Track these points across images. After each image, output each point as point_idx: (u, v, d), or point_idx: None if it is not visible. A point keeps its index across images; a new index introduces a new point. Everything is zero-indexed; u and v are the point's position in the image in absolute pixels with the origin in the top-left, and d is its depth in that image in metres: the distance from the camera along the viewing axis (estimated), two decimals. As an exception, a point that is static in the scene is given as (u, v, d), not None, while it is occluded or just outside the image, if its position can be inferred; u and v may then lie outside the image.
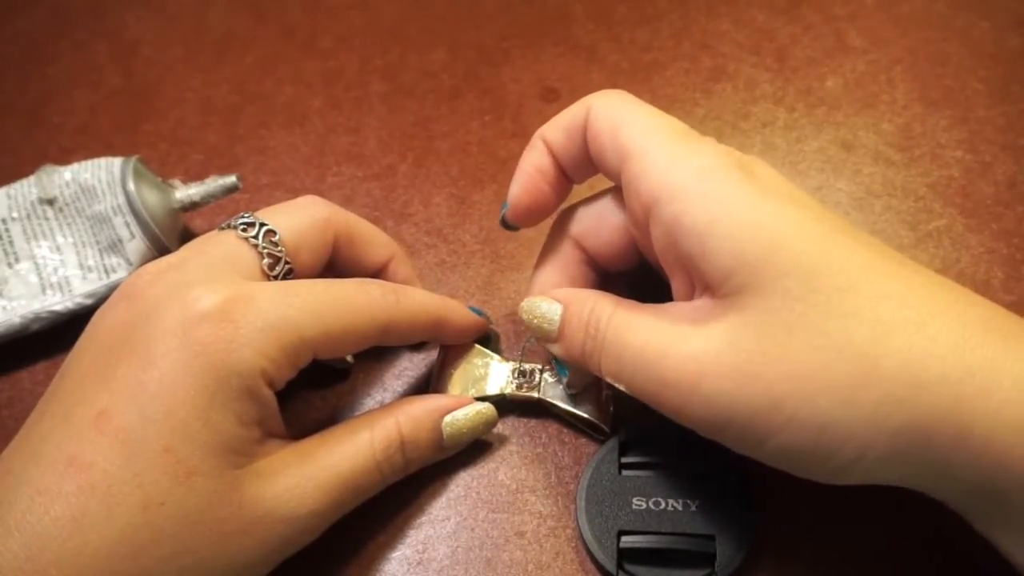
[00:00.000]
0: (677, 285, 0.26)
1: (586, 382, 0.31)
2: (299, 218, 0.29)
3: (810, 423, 0.22)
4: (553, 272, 0.30)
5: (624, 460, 0.29)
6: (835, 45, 0.44)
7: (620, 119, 0.27)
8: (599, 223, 0.29)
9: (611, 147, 0.27)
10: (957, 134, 0.40)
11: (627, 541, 0.28)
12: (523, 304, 0.29)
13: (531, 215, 0.30)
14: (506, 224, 0.31)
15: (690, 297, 0.26)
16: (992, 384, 0.21)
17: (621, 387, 0.26)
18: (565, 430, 0.32)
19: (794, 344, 0.22)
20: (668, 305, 0.26)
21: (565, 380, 0.30)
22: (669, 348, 0.24)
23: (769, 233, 0.23)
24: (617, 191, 0.29)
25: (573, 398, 0.31)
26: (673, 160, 0.25)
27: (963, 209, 0.37)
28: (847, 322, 0.22)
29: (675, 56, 0.44)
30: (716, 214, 0.24)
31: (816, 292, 0.23)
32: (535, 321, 0.29)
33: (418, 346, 0.34)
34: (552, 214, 0.31)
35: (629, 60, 0.44)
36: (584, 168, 0.29)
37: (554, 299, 0.28)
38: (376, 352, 0.34)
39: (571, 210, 0.30)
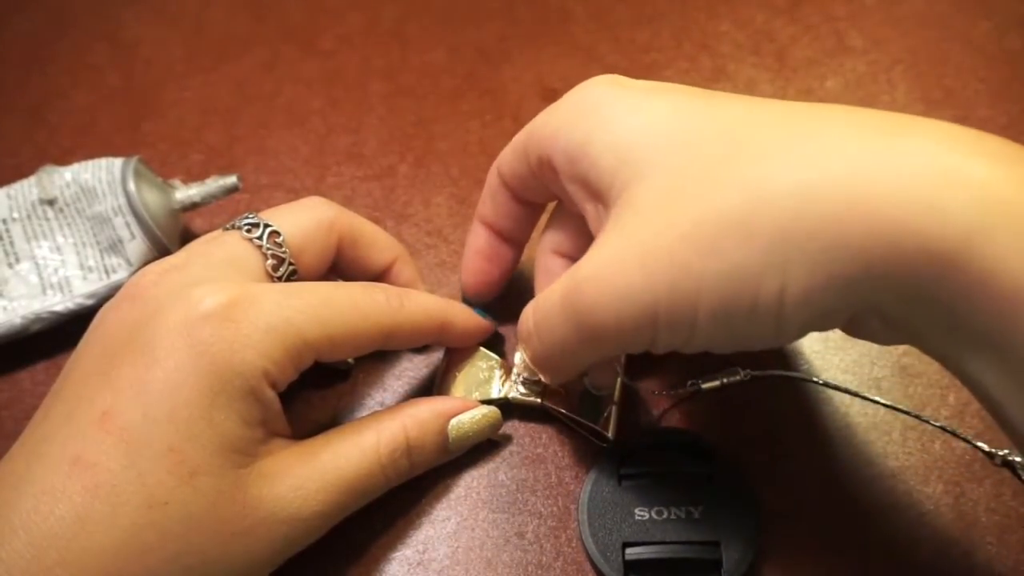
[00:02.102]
0: (591, 220, 0.26)
1: (609, 382, 0.31)
2: (303, 219, 0.29)
3: (720, 274, 0.21)
4: (484, 200, 0.32)
5: (623, 471, 0.29)
6: (835, 45, 0.44)
7: (519, 143, 0.29)
8: (565, 229, 0.30)
9: (526, 167, 0.29)
10: (957, 134, 0.40)
11: (632, 553, 0.28)
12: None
13: (483, 292, 0.33)
14: (468, 302, 0.33)
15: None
16: (898, 170, 0.20)
17: (576, 363, 0.27)
18: (565, 430, 0.32)
19: (682, 204, 0.22)
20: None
21: (589, 383, 0.30)
22: (583, 276, 0.24)
23: (639, 123, 0.24)
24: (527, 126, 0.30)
25: (577, 404, 0.31)
26: (551, 114, 0.28)
27: (963, 209, 0.37)
28: (729, 165, 0.22)
29: (675, 56, 0.44)
30: (592, 126, 0.25)
31: (694, 156, 0.23)
32: (527, 369, 0.30)
33: (421, 348, 0.34)
34: (505, 281, 0.33)
35: (629, 60, 0.44)
36: (523, 223, 0.32)
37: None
38: (377, 352, 0.34)
39: (546, 227, 0.31)
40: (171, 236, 0.36)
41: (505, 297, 0.36)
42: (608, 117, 0.25)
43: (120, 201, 0.34)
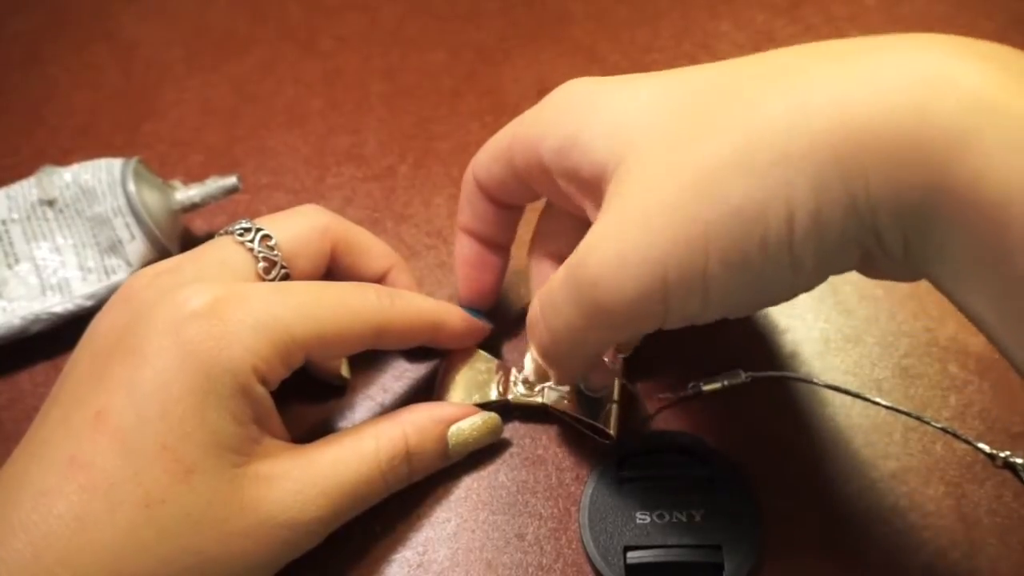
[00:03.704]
0: (591, 214, 0.26)
1: (606, 383, 0.30)
2: (297, 225, 0.29)
3: (728, 213, 0.21)
4: (462, 209, 0.32)
5: (624, 474, 0.29)
6: (836, 45, 0.44)
7: (500, 148, 0.29)
8: (557, 230, 0.30)
9: (509, 171, 0.29)
10: (958, 135, 0.40)
11: (633, 557, 0.27)
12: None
13: (481, 300, 0.33)
14: (469, 310, 0.33)
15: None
16: (886, 80, 0.19)
17: (585, 345, 0.26)
18: (566, 432, 0.31)
19: (678, 159, 0.22)
20: None
21: (584, 384, 0.30)
22: (584, 248, 0.24)
23: (626, 103, 0.24)
24: (502, 130, 0.30)
25: (579, 402, 0.31)
26: (536, 116, 0.27)
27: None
28: (714, 114, 0.22)
29: (675, 56, 0.44)
30: (579, 117, 0.25)
31: (684, 112, 0.23)
32: (536, 373, 0.30)
33: (420, 355, 0.34)
34: (500, 285, 0.33)
35: (629, 60, 0.44)
36: (504, 226, 0.32)
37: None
38: (376, 353, 0.34)
39: (536, 231, 0.32)
40: (171, 237, 0.36)
41: (505, 300, 0.36)
42: (594, 106, 0.25)
43: (120, 202, 0.34)
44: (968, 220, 0.19)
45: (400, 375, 0.34)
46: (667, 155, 0.22)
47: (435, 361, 0.34)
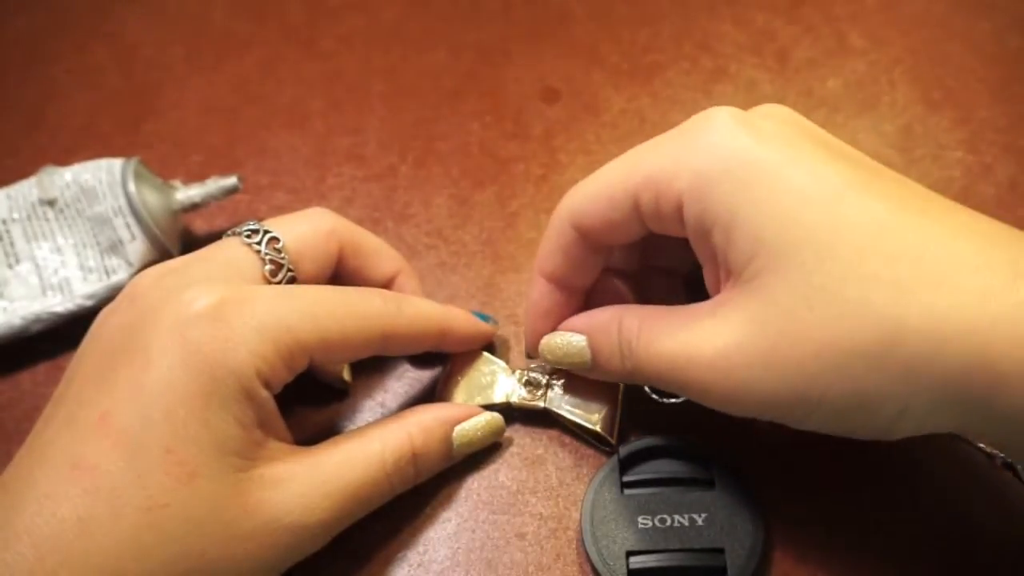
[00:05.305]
0: (708, 275, 0.26)
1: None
2: (305, 227, 0.29)
3: (846, 393, 0.23)
4: (552, 256, 0.29)
5: (625, 479, 0.29)
6: (836, 46, 0.44)
7: (604, 184, 0.27)
8: (593, 201, 0.28)
9: (624, 207, 0.27)
10: (958, 135, 0.40)
11: (636, 562, 0.27)
12: (543, 348, 0.29)
13: None
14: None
15: (719, 286, 0.26)
16: (1020, 331, 0.20)
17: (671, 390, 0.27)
18: (566, 432, 0.31)
19: (816, 318, 0.22)
20: (694, 306, 0.26)
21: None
22: (697, 351, 0.25)
23: (780, 208, 0.23)
24: (608, 170, 0.28)
25: (580, 409, 0.31)
26: (670, 160, 0.25)
27: (964, 210, 0.37)
28: (865, 286, 0.22)
29: (676, 57, 0.44)
30: (724, 204, 0.24)
31: (831, 260, 0.23)
32: (564, 360, 0.29)
33: (423, 359, 0.34)
34: None
35: (630, 60, 0.44)
36: (595, 267, 0.29)
37: (572, 331, 0.29)
38: (378, 356, 0.34)
39: (569, 194, 0.29)
40: (171, 237, 0.36)
41: (502, 297, 0.36)
42: (750, 189, 0.24)
43: (120, 202, 0.34)
44: None
45: (401, 376, 0.34)
46: (805, 305, 0.23)
47: (437, 362, 0.34)
